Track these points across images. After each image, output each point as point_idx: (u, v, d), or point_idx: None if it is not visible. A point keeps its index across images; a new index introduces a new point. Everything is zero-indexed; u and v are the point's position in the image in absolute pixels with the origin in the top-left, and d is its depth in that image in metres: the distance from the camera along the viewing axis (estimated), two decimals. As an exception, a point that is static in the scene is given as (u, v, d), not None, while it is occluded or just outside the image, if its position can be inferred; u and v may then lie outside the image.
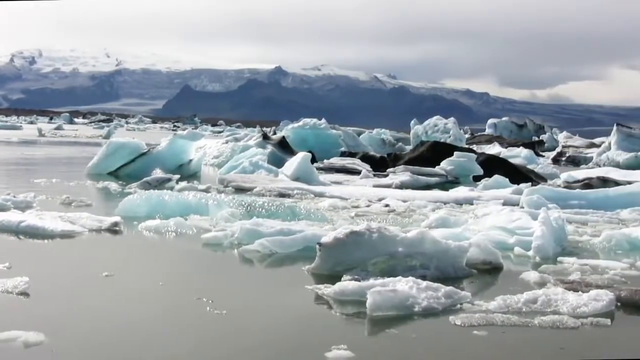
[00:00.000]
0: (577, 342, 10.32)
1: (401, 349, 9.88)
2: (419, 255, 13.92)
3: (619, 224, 22.58)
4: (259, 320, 10.86)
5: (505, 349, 9.89)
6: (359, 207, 25.01)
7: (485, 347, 9.90)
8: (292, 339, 10.05)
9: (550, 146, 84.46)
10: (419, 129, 65.94)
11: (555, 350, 9.90)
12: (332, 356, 9.06)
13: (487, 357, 9.59)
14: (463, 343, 10.11)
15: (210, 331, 10.33)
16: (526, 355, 9.73)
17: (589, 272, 14.82)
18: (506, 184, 32.52)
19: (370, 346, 9.92)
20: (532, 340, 10.24)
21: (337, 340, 9.48)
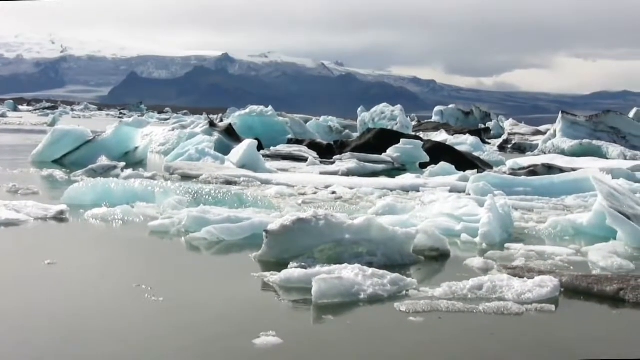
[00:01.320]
0: (520, 327, 10.38)
1: (333, 335, 9.92)
2: (366, 242, 13.95)
3: (564, 211, 22.81)
4: (195, 307, 10.84)
5: (439, 335, 9.91)
6: (305, 195, 25.01)
7: (417, 333, 9.92)
8: (224, 326, 10.02)
9: (496, 133, 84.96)
10: (365, 116, 65.97)
11: (485, 335, 9.96)
12: (259, 342, 9.08)
13: (415, 343, 9.60)
14: (397, 329, 10.14)
15: (142, 318, 10.34)
16: (457, 340, 9.74)
17: (534, 258, 14.96)
18: (452, 171, 32.69)
19: (301, 333, 9.90)
20: (466, 326, 10.29)
21: (270, 327, 9.47)
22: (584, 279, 12.57)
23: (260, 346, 9.00)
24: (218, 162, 34.05)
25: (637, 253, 16.02)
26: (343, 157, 40.78)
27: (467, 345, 9.57)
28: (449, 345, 9.56)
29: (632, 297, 11.76)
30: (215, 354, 8.97)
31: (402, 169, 38.06)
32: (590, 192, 24.50)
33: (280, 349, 8.99)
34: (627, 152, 52.95)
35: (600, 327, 10.84)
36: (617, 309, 11.57)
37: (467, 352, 9.33)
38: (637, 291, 11.85)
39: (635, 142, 59.34)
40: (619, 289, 12.01)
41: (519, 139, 68.75)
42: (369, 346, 9.49)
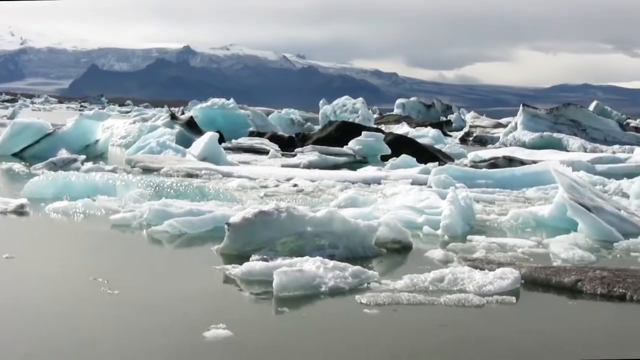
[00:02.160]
0: (480, 319, 10.43)
1: (288, 328, 9.95)
2: (328, 234, 13.95)
3: (525, 203, 22.96)
4: (150, 300, 10.80)
5: (392, 328, 9.90)
6: (267, 187, 25.00)
7: (371, 325, 9.92)
8: (177, 318, 9.96)
9: (457, 126, 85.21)
10: (327, 108, 65.92)
11: (434, 327, 9.98)
12: (209, 335, 9.04)
13: (367, 335, 9.59)
14: (352, 321, 10.17)
15: (93, 310, 10.27)
16: (409, 332, 9.75)
17: (496, 250, 15.03)
18: (413, 163, 32.79)
19: (254, 326, 9.86)
20: (421, 319, 10.33)
21: (223, 320, 9.43)
22: (542, 270, 12.66)
23: (209, 339, 8.96)
24: (179, 155, 33.93)
25: (597, 245, 16.14)
26: (305, 149, 40.81)
27: (417, 338, 9.58)
28: (399, 337, 9.51)
29: (590, 288, 11.84)
30: (161, 346, 8.91)
31: (364, 161, 38.14)
32: (550, 184, 24.66)
33: (229, 342, 8.95)
34: (587, 145, 53.36)
35: (559, 319, 10.86)
36: (575, 300, 11.65)
37: (415, 345, 9.32)
38: (595, 282, 11.94)
39: (595, 134, 59.76)
40: (576, 280, 12.10)
41: (480, 132, 69.03)
42: (320, 338, 9.51)
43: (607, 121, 62.23)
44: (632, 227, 17.71)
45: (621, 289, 11.70)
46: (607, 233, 16.67)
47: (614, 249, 15.79)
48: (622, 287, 11.73)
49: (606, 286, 11.81)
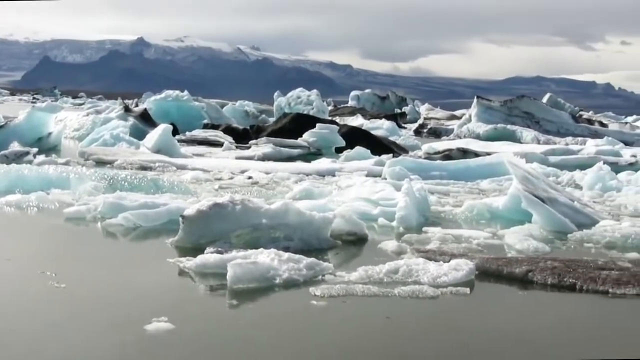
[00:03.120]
0: (431, 310, 10.47)
1: (234, 319, 9.97)
2: (283, 226, 13.94)
3: (479, 194, 23.06)
4: (98, 294, 10.73)
5: (337, 319, 9.91)
6: (222, 180, 24.93)
7: (318, 317, 9.95)
8: (123, 312, 9.91)
9: (412, 118, 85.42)
10: (282, 100, 65.80)
11: (381, 318, 9.98)
12: (151, 328, 9.00)
13: (312, 328, 9.63)
14: (299, 313, 10.21)
15: (37, 304, 10.20)
16: (353, 324, 9.74)
17: (451, 241, 15.09)
18: (368, 155, 32.84)
19: (200, 318, 9.84)
20: (366, 310, 10.32)
21: (171, 313, 9.41)
22: (494, 261, 12.77)
23: (150, 332, 8.92)
24: (133, 148, 33.77)
25: (552, 235, 16.27)
26: (259, 141, 40.77)
27: (360, 330, 9.56)
28: (343, 329, 9.51)
29: (541, 279, 12.00)
30: (99, 339, 8.86)
31: (318, 153, 38.15)
32: (504, 175, 24.83)
33: (170, 335, 8.92)
34: (541, 137, 53.73)
35: (510, 310, 10.99)
36: (527, 291, 11.76)
37: (357, 337, 9.30)
38: (545, 272, 12.08)
39: (548, 126, 60.12)
40: (527, 270, 12.23)
41: (434, 124, 69.22)
42: (267, 330, 9.49)
43: (560, 113, 62.63)
44: (586, 218, 17.86)
45: (571, 279, 11.84)
46: (561, 224, 16.79)
47: (567, 240, 15.91)
48: (572, 277, 11.88)
49: (557, 276, 11.96)
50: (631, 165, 33.66)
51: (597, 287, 11.61)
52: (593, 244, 15.55)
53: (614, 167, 29.06)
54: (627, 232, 15.92)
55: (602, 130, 59.80)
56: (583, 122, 63.06)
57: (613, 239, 15.62)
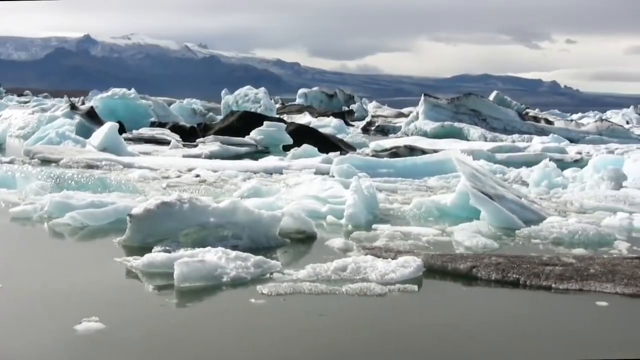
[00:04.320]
0: (380, 308, 10.48)
1: (175, 318, 9.88)
2: (231, 225, 13.89)
3: (427, 191, 23.17)
4: (36, 294, 10.63)
5: (280, 317, 9.87)
6: (169, 178, 24.82)
7: (255, 316, 9.89)
8: (59, 312, 9.82)
9: (359, 116, 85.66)
10: (229, 98, 65.58)
11: (315, 316, 9.97)
12: (80, 328, 8.91)
13: (246, 326, 9.56)
14: (239, 312, 10.16)
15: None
16: (286, 322, 9.74)
17: (400, 238, 15.13)
18: (315, 153, 32.87)
19: (142, 317, 9.78)
20: (310, 308, 10.29)
21: (98, 313, 9.28)
22: (439, 257, 12.84)
23: (80, 332, 8.83)
24: (79, 146, 33.53)
25: (499, 232, 16.41)
26: (206, 140, 40.74)
27: (292, 327, 9.54)
28: (274, 328, 9.45)
29: (485, 274, 12.10)
30: (30, 339, 8.77)
31: (266, 151, 38.21)
32: (452, 173, 24.99)
33: (98, 335, 8.83)
34: (488, 134, 54.16)
35: (456, 306, 11.00)
36: (471, 287, 11.84)
37: (300, 334, 9.29)
38: (490, 268, 12.19)
39: (495, 124, 60.60)
40: (472, 266, 12.33)
41: (382, 122, 69.46)
42: (206, 328, 9.45)
43: (506, 111, 63.14)
44: (533, 214, 18.03)
45: (515, 275, 11.95)
46: (509, 221, 16.93)
47: (515, 236, 16.06)
48: (516, 273, 11.99)
49: (501, 272, 12.06)
50: (576, 162, 33.97)
51: (540, 283, 11.72)
52: (540, 240, 15.69)
53: (560, 164, 29.42)
54: (573, 228, 16.07)
55: (548, 127, 60.32)
56: (529, 120, 63.62)
57: (560, 235, 15.77)
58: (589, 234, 15.76)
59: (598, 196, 21.82)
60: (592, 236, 15.70)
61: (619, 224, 17.66)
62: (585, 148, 43.42)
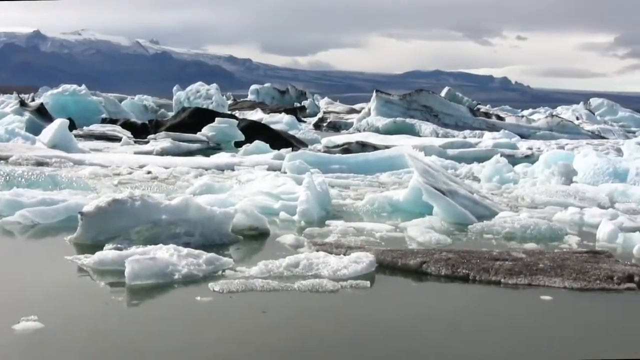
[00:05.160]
0: (332, 305, 10.44)
1: (125, 316, 9.81)
2: (184, 222, 13.82)
3: (379, 187, 23.21)
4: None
5: (218, 315, 9.80)
6: (121, 175, 24.67)
7: (203, 313, 9.84)
8: (4, 310, 9.65)
9: (311, 112, 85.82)
10: (181, 95, 65.44)
11: (256, 313, 9.89)
12: (18, 328, 8.82)
13: (194, 323, 9.45)
14: (181, 309, 10.10)
15: None
16: (231, 320, 9.69)
17: (353, 234, 15.15)
18: (267, 149, 32.88)
19: (72, 315, 9.64)
20: (253, 304, 10.21)
21: (39, 312, 9.17)
22: (389, 253, 12.86)
23: (17, 332, 8.74)
24: (29, 143, 33.24)
25: (452, 227, 16.50)
26: (158, 136, 40.62)
27: (241, 326, 9.45)
28: (217, 325, 9.41)
29: (434, 270, 12.16)
30: None
31: (217, 147, 38.20)
32: (404, 168, 25.11)
33: (36, 334, 8.73)
34: (439, 130, 54.42)
35: (407, 302, 11.02)
36: (422, 282, 11.88)
37: (235, 333, 9.20)
38: (440, 264, 12.25)
39: (446, 120, 60.93)
40: (422, 262, 12.37)
41: (334, 118, 69.59)
42: (156, 326, 9.41)
43: (458, 107, 63.54)
44: (485, 209, 18.16)
45: (465, 270, 12.03)
46: (462, 216, 17.01)
47: (468, 232, 16.16)
48: (465, 268, 12.07)
49: (450, 267, 12.13)
50: (527, 157, 34.29)
51: (489, 278, 11.81)
52: (493, 235, 15.81)
53: (511, 160, 29.65)
54: (525, 223, 16.20)
55: (499, 123, 60.80)
56: (481, 116, 64.06)
57: (512, 229, 15.90)
58: (540, 229, 15.90)
59: (549, 191, 21.96)
60: (543, 231, 15.85)
61: (570, 219, 17.83)
62: (536, 144, 43.79)
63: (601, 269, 12.04)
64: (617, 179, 24.48)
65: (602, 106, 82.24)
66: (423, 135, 51.59)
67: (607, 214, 17.82)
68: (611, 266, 12.31)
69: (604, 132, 61.15)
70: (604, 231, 15.62)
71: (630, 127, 73.40)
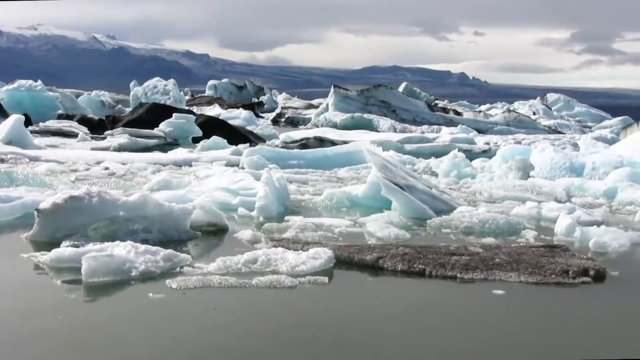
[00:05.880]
0: (290, 300, 10.48)
1: (80, 314, 9.76)
2: (142, 219, 13.76)
3: (338, 182, 23.23)
4: None
5: (169, 312, 9.76)
6: (77, 171, 24.49)
7: (154, 311, 9.83)
8: None
9: (269, 107, 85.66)
10: (138, 90, 65.06)
11: (208, 309, 9.89)
12: None
13: (143, 321, 9.51)
14: (132, 306, 10.09)
15: None
16: (181, 317, 9.63)
17: (311, 229, 15.17)
18: (224, 145, 32.85)
19: (47, 313, 9.58)
20: (203, 301, 10.21)
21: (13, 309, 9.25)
22: (346, 249, 12.90)
23: None
24: (-18, 140, 32.89)
25: (411, 222, 16.57)
26: (115, 132, 40.35)
27: (193, 323, 9.41)
28: (168, 322, 9.38)
29: (391, 265, 12.23)
30: None
31: (175, 143, 38.04)
32: (362, 164, 25.11)
33: None
34: (397, 125, 54.53)
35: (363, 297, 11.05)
36: (379, 278, 11.92)
37: (188, 330, 9.15)
38: (396, 259, 12.33)
39: (404, 115, 61.09)
40: (378, 257, 12.45)
41: (292, 113, 69.52)
42: (110, 324, 9.36)
43: (415, 102, 63.75)
44: (443, 204, 18.22)
45: (421, 265, 12.11)
46: (420, 211, 17.08)
47: (427, 226, 16.25)
48: (422, 264, 12.15)
49: (407, 263, 12.21)
50: (484, 152, 34.43)
51: (445, 273, 11.89)
52: (451, 229, 15.90)
53: (469, 155, 29.77)
54: (484, 217, 16.30)
55: (456, 118, 61.02)
56: (438, 111, 64.27)
57: (470, 224, 15.99)
58: (499, 223, 16.00)
59: (506, 186, 22.10)
60: (502, 225, 15.96)
61: (528, 213, 17.97)
62: (493, 138, 44.11)
63: (557, 264, 12.17)
64: (573, 174, 24.71)
65: (559, 101, 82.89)
66: (381, 131, 51.69)
67: (565, 208, 17.95)
68: (567, 260, 12.43)
69: (561, 127, 61.58)
70: (561, 225, 15.75)
71: (586, 122, 74.05)
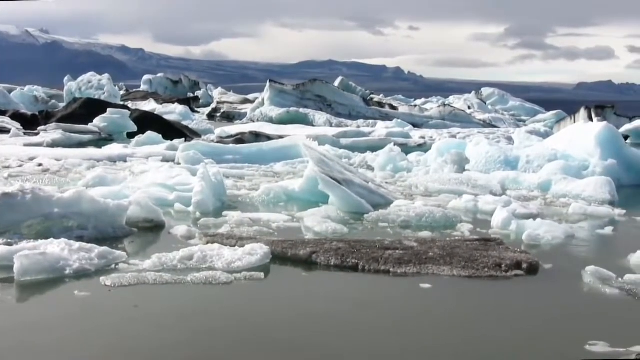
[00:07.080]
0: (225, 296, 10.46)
1: (12, 314, 9.68)
2: (76, 215, 13.62)
3: (274, 177, 23.19)
4: None
5: (96, 309, 9.70)
6: (10, 168, 24.17)
7: (81, 308, 9.75)
8: None
9: (205, 102, 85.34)
10: (72, 85, 64.47)
11: (129, 307, 9.82)
12: None
13: (69, 318, 9.44)
14: (62, 305, 10.00)
15: None
16: (111, 312, 9.63)
17: (249, 225, 15.15)
18: (159, 140, 32.65)
19: None
20: (131, 299, 10.13)
21: None
22: (280, 244, 12.92)
23: None
24: None
25: (348, 217, 16.61)
26: (48, 127, 39.92)
27: (117, 320, 9.38)
28: (94, 320, 9.34)
29: (324, 260, 12.28)
30: None
31: (110, 139, 37.76)
32: (298, 158, 25.12)
33: None
34: (333, 120, 54.56)
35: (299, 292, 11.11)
36: (314, 272, 11.97)
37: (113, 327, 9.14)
38: (329, 254, 12.37)
39: (340, 109, 61.16)
40: (312, 252, 12.48)
41: (227, 108, 69.34)
42: (44, 322, 9.28)
43: (351, 96, 63.84)
44: (380, 198, 18.30)
45: (354, 260, 12.16)
46: (358, 205, 17.12)
47: (364, 220, 16.28)
48: (355, 258, 12.20)
49: (340, 257, 12.26)
50: (420, 146, 34.66)
51: (379, 267, 11.96)
52: (388, 223, 15.95)
53: (404, 149, 30.00)
54: (421, 211, 16.38)
55: (392, 112, 61.25)
56: (374, 105, 64.47)
57: (408, 218, 16.06)
58: (435, 217, 16.09)
59: (442, 179, 22.24)
60: (438, 219, 16.05)
61: (465, 206, 18.11)
62: (429, 133, 44.21)
63: (490, 257, 12.28)
64: (508, 167, 24.95)
65: (493, 96, 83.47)
66: (317, 125, 51.70)
67: (501, 201, 18.13)
68: (500, 254, 12.55)
69: (495, 121, 62.05)
70: (498, 218, 15.88)
71: (520, 116, 74.65)
